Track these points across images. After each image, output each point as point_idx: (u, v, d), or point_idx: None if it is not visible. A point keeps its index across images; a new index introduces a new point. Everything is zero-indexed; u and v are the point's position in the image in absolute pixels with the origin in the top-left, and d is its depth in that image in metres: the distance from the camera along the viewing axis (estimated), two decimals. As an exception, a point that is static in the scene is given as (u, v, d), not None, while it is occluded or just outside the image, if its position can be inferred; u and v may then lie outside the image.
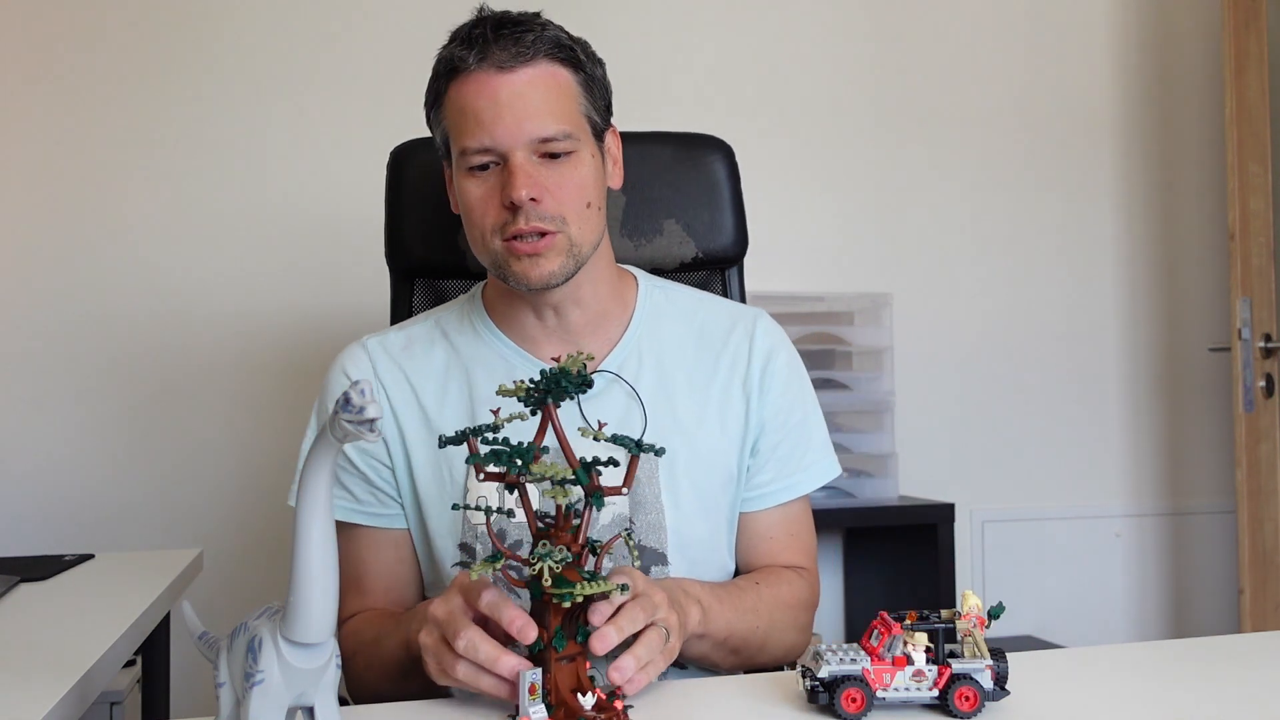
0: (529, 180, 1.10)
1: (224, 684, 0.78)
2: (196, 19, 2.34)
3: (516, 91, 1.11)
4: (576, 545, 0.87)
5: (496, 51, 1.11)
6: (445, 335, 1.25)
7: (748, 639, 1.13)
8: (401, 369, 1.22)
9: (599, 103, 1.19)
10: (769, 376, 1.25)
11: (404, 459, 1.20)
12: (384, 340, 1.25)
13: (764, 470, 1.25)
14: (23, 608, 1.31)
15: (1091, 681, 0.98)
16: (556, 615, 0.86)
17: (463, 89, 1.13)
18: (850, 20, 2.70)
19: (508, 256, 1.13)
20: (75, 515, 2.24)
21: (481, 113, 1.11)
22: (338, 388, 1.22)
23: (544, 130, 1.11)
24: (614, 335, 1.24)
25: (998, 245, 2.79)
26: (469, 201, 1.14)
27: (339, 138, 2.38)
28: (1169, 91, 2.91)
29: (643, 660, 0.89)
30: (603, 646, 0.87)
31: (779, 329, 1.30)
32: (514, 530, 1.16)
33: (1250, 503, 2.59)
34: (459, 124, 1.13)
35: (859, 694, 0.85)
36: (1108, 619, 2.83)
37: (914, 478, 2.59)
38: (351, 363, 1.23)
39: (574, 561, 0.86)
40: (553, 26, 1.16)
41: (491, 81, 1.11)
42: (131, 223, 2.30)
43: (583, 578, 0.86)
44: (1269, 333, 2.57)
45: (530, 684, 0.84)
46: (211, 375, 2.31)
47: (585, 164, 1.15)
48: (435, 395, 1.21)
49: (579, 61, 1.16)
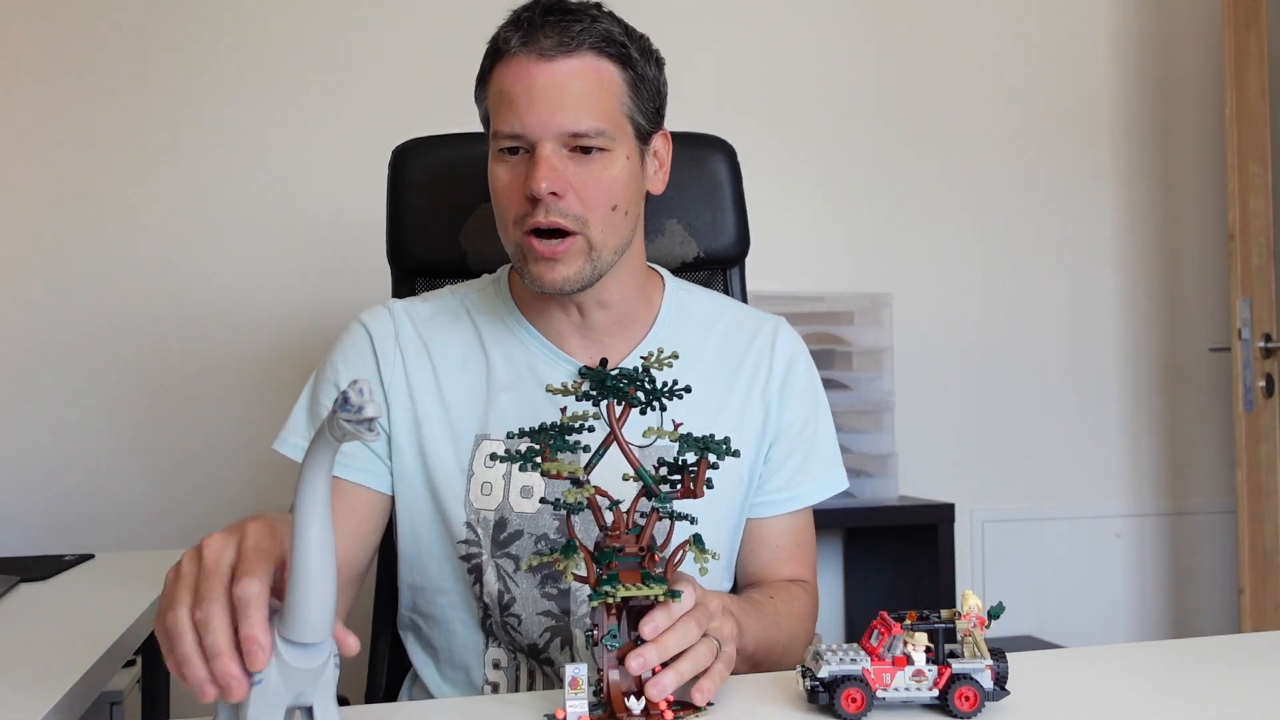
0: (552, 173, 1.07)
1: None
2: (199, 20, 2.34)
3: (554, 81, 1.08)
4: (636, 547, 0.87)
5: (541, 38, 1.08)
6: (469, 314, 1.24)
7: (770, 652, 1.12)
8: (423, 339, 1.21)
9: (647, 104, 1.15)
10: (789, 385, 1.25)
11: (412, 429, 1.18)
12: (409, 307, 1.23)
13: (775, 477, 1.24)
14: (23, 608, 1.31)
15: (1091, 681, 0.98)
16: (609, 615, 0.86)
17: (504, 72, 1.10)
18: (852, 21, 2.70)
19: (525, 252, 1.11)
20: (75, 515, 2.24)
21: (516, 98, 1.08)
22: (354, 340, 1.21)
23: (576, 124, 1.08)
24: (637, 336, 1.23)
25: (998, 245, 2.79)
26: (496, 186, 1.13)
27: (340, 137, 2.38)
28: (1169, 91, 2.91)
29: (685, 675, 0.86)
30: (639, 666, 0.84)
31: (799, 338, 1.29)
32: (515, 521, 1.15)
33: (1250, 503, 2.59)
34: (496, 106, 1.11)
35: (859, 694, 0.85)
36: (1108, 619, 2.83)
37: (914, 478, 2.59)
38: (374, 322, 1.21)
39: (638, 564, 0.86)
40: (607, 19, 1.12)
41: (531, 68, 1.08)
42: (132, 223, 2.30)
43: (642, 580, 0.85)
44: (1269, 333, 2.57)
45: (573, 678, 0.83)
46: (212, 375, 2.31)
47: (618, 164, 1.11)
48: (453, 371, 1.19)
49: (629, 59, 1.12)
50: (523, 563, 1.15)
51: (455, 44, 2.42)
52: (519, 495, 1.16)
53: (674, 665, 0.86)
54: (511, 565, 1.16)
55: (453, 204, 1.46)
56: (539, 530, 1.15)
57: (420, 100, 2.41)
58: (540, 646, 1.16)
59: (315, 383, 1.21)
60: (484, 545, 1.16)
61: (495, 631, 1.18)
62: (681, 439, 0.88)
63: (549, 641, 1.16)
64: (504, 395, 1.18)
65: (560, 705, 0.84)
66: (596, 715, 0.84)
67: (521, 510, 1.16)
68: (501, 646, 1.19)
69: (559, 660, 1.16)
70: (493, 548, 1.16)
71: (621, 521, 0.88)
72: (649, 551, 0.88)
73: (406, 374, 1.19)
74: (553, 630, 1.16)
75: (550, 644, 1.16)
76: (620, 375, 0.88)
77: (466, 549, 1.17)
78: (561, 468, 0.86)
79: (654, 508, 0.87)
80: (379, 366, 1.19)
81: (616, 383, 0.87)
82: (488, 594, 1.16)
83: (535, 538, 1.15)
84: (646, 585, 0.85)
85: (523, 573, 1.16)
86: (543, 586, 1.16)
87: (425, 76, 2.42)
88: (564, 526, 1.14)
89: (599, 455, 0.91)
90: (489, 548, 1.16)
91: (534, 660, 1.17)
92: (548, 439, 0.88)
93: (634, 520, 0.89)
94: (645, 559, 0.87)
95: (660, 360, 0.90)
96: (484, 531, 1.16)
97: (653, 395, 0.88)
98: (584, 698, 0.84)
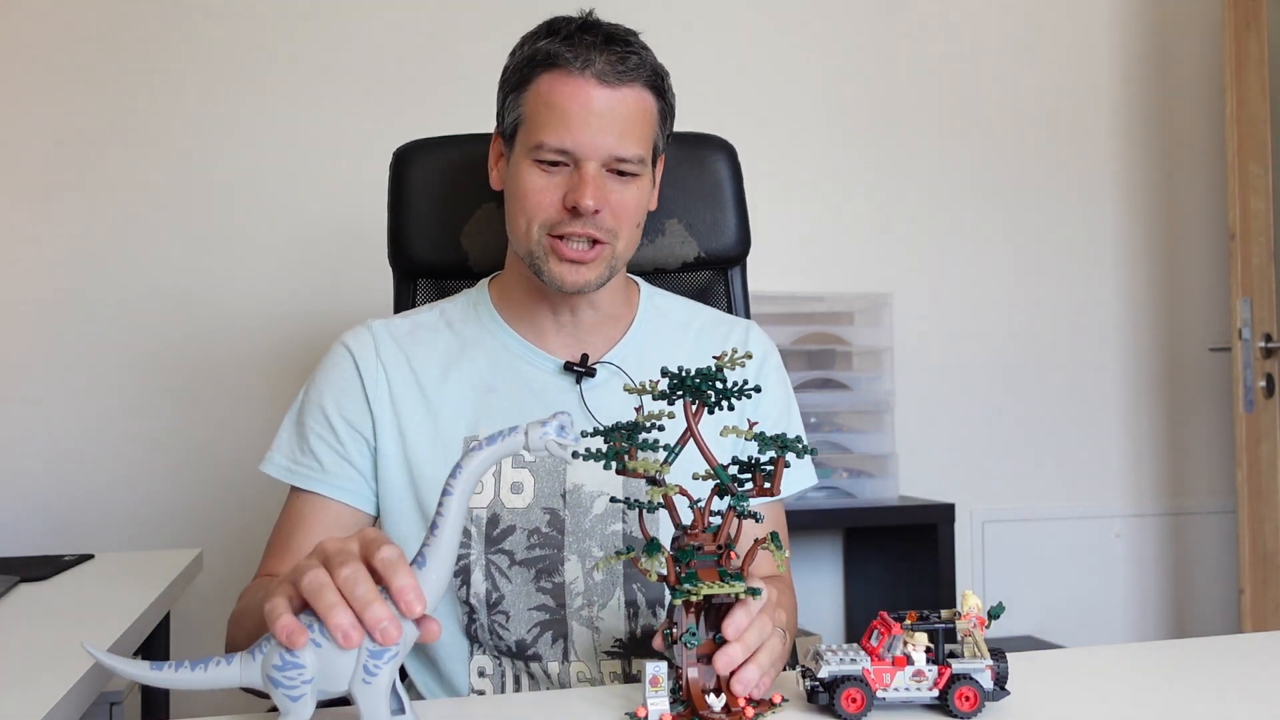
0: (598, 192, 1.15)
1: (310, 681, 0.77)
2: (202, 24, 2.34)
3: (610, 107, 1.15)
4: (713, 545, 0.88)
5: (601, 63, 1.15)
6: (450, 325, 1.28)
7: None
8: (404, 352, 1.25)
9: (666, 131, 1.24)
10: (762, 382, 1.29)
11: (397, 440, 1.21)
12: (389, 324, 1.28)
13: None
14: (23, 608, 1.31)
15: (1091, 681, 0.98)
16: (689, 613, 0.86)
17: (558, 86, 1.15)
18: (852, 21, 2.70)
19: (549, 254, 1.17)
20: (75, 515, 2.24)
21: (571, 115, 1.14)
22: (337, 362, 1.24)
23: (623, 150, 1.16)
24: (616, 335, 1.28)
25: (998, 245, 2.79)
26: (524, 189, 1.17)
27: (341, 139, 2.38)
28: (1169, 91, 2.91)
29: (765, 668, 0.88)
30: (727, 665, 0.85)
31: (769, 338, 1.35)
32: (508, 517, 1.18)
33: (1250, 503, 2.60)
34: (542, 116, 1.16)
35: (859, 694, 0.85)
36: (1108, 619, 2.83)
37: (914, 478, 2.60)
38: (355, 341, 1.25)
39: (715, 561, 0.87)
40: (649, 52, 1.20)
41: (590, 90, 1.15)
42: (132, 224, 2.30)
43: (719, 578, 0.85)
44: (1269, 333, 2.57)
45: (653, 675, 0.84)
46: (212, 375, 2.31)
47: (644, 186, 1.20)
48: (436, 379, 1.23)
49: (663, 91, 1.21)
50: (600, 558, 1.16)
51: (455, 46, 2.42)
52: (509, 491, 1.19)
53: (754, 659, 0.87)
54: (505, 561, 1.18)
55: (454, 205, 1.46)
56: (530, 525, 1.19)
57: (421, 102, 2.41)
58: (528, 644, 1.18)
59: (301, 405, 1.25)
60: (475, 544, 1.18)
61: (479, 635, 1.19)
62: (759, 437, 0.89)
63: (538, 638, 1.18)
64: (491, 396, 1.22)
65: (641, 703, 0.84)
66: (677, 713, 0.85)
67: (512, 506, 1.19)
68: (486, 653, 1.20)
69: (546, 656, 1.18)
70: (485, 545, 1.18)
71: (700, 520, 0.89)
72: (726, 549, 0.88)
73: (390, 388, 1.22)
74: (543, 625, 1.18)
75: (539, 640, 1.18)
76: (698, 375, 0.88)
77: None
78: (642, 466, 0.86)
79: (730, 506, 0.88)
80: (363, 383, 1.22)
81: (695, 382, 0.88)
82: (474, 595, 1.18)
83: (527, 532, 1.18)
84: (726, 583, 0.85)
85: (516, 568, 1.18)
86: (537, 581, 1.18)
87: (426, 78, 2.42)
88: (555, 522, 1.18)
89: (674, 454, 0.91)
90: (481, 545, 1.18)
91: (520, 661, 1.19)
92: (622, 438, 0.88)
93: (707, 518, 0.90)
94: (722, 557, 0.88)
95: (734, 360, 0.90)
96: (476, 529, 1.18)
97: (723, 395, 0.89)
98: (664, 695, 0.84)
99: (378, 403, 1.21)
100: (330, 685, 0.77)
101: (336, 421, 1.21)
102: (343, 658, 0.76)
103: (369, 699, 0.76)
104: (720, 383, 0.89)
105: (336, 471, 1.20)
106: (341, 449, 1.21)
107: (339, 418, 1.21)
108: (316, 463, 1.21)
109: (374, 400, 1.22)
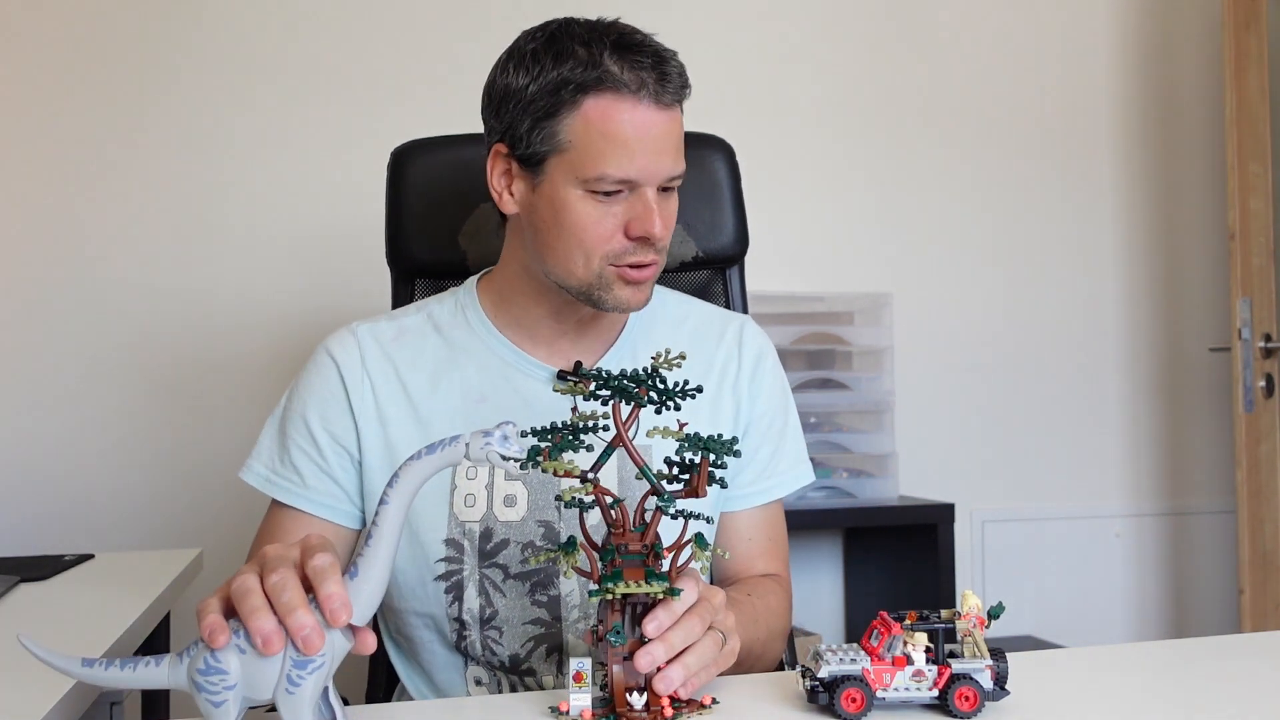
0: (663, 219, 1.12)
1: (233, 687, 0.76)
2: (198, 21, 2.34)
3: (667, 130, 1.11)
4: (639, 544, 0.88)
5: (657, 87, 1.10)
6: (438, 330, 1.24)
7: (750, 650, 1.11)
8: (391, 360, 1.21)
9: None
10: (758, 379, 1.27)
11: (384, 452, 1.18)
12: (374, 329, 1.24)
13: (746, 471, 1.25)
14: (23, 608, 1.31)
15: (1091, 681, 0.98)
16: (614, 611, 0.86)
17: (615, 114, 1.09)
18: (851, 20, 2.70)
19: (614, 281, 1.13)
20: (75, 515, 2.24)
21: (633, 144, 1.09)
22: (320, 370, 1.22)
23: (676, 170, 1.13)
24: (611, 336, 1.25)
25: (998, 245, 2.79)
26: (580, 220, 1.11)
27: (339, 138, 2.38)
28: (1169, 91, 2.91)
29: (692, 669, 0.87)
30: (647, 664, 0.85)
31: (765, 334, 1.32)
32: (501, 530, 1.16)
33: (1250, 503, 2.60)
34: (597, 146, 1.09)
35: (859, 694, 0.85)
36: (1108, 619, 2.83)
37: (914, 478, 2.59)
38: (340, 348, 1.22)
39: (641, 561, 0.87)
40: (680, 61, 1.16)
41: (651, 116, 1.10)
42: (131, 223, 2.30)
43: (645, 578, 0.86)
44: (1269, 333, 2.57)
45: (576, 672, 0.84)
46: (212, 375, 2.31)
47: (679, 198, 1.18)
48: (425, 387, 1.20)
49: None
50: (513, 568, 1.15)
51: (454, 45, 2.42)
52: (503, 504, 1.16)
53: (680, 660, 0.87)
54: (499, 575, 1.15)
55: (452, 205, 1.46)
56: (524, 539, 1.16)
57: (419, 102, 2.41)
58: (522, 658, 1.16)
59: (284, 414, 1.22)
60: (468, 559, 1.15)
61: (472, 651, 1.17)
62: (684, 438, 0.89)
63: (531, 651, 1.16)
64: (482, 406, 1.18)
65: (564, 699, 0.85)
66: (599, 710, 0.85)
67: (506, 519, 1.16)
68: (480, 665, 1.18)
69: (541, 670, 1.16)
70: (479, 559, 1.15)
71: (625, 519, 0.88)
72: (653, 550, 0.88)
73: (376, 399, 1.19)
74: (538, 639, 1.16)
75: (533, 654, 1.16)
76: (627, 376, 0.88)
77: (446, 567, 1.16)
78: (561, 466, 0.86)
79: (658, 506, 0.88)
80: (348, 394, 1.19)
81: (622, 383, 0.88)
82: (467, 610, 1.15)
83: (521, 545, 1.15)
84: (648, 583, 0.85)
85: (511, 581, 1.15)
86: (532, 594, 1.16)
87: (424, 78, 2.42)
88: (549, 534, 1.15)
89: (606, 455, 0.91)
90: (475, 560, 1.15)
91: (514, 675, 1.17)
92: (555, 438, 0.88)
93: (640, 518, 0.90)
94: (649, 557, 0.88)
95: (669, 361, 0.90)
96: (470, 544, 1.15)
97: (666, 395, 0.89)
98: (588, 691, 0.84)
99: (363, 415, 1.18)
100: (255, 693, 0.75)
101: (320, 434, 1.18)
102: (268, 665, 0.75)
103: (292, 709, 0.75)
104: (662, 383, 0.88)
105: (317, 486, 1.18)
106: (324, 463, 1.18)
107: (322, 430, 1.18)
108: (298, 476, 1.18)
109: (359, 412, 1.18)
